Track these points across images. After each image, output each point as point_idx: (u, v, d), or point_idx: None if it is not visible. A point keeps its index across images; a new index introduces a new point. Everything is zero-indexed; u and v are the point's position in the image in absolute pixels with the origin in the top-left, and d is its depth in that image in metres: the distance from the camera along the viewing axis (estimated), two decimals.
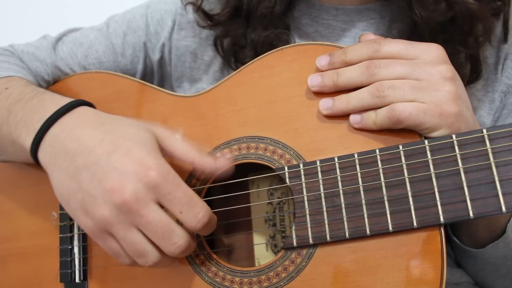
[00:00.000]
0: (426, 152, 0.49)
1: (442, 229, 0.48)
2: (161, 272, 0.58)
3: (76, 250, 0.64)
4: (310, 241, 0.51)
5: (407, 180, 0.49)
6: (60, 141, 0.53)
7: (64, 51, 0.75)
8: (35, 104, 0.58)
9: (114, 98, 0.68)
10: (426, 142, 0.49)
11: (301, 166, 0.53)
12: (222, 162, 0.56)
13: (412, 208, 0.48)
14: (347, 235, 0.50)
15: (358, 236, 0.50)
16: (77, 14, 1.11)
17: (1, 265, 0.70)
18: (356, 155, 0.51)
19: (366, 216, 0.50)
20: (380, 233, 0.49)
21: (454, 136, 0.48)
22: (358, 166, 0.51)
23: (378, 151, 0.50)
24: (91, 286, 0.64)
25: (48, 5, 1.25)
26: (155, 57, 0.75)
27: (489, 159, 0.47)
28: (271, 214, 0.65)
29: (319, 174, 0.52)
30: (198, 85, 0.74)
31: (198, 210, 0.50)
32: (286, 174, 0.54)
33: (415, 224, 0.48)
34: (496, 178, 0.46)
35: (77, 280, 0.64)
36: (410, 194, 0.48)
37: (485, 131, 0.47)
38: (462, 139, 0.48)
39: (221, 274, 0.56)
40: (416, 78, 0.49)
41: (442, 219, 0.47)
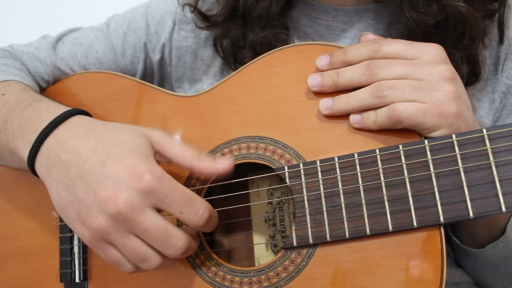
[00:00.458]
0: (426, 152, 0.49)
1: (442, 229, 0.48)
2: (161, 272, 0.58)
3: (76, 250, 0.64)
4: (310, 241, 0.51)
5: (407, 180, 0.49)
6: (55, 152, 0.53)
7: (64, 51, 0.75)
8: (31, 113, 0.58)
9: (114, 98, 0.68)
10: (426, 142, 0.49)
11: (301, 166, 0.53)
12: (221, 167, 0.55)
13: (412, 208, 0.48)
14: (347, 235, 0.50)
15: (358, 236, 0.50)
16: (76, 14, 1.11)
17: (1, 265, 0.70)
18: (356, 155, 0.51)
19: (366, 216, 0.50)
20: (380, 233, 0.49)
21: (454, 136, 0.48)
22: (358, 166, 0.51)
23: (378, 151, 0.50)
24: (91, 286, 0.64)
25: (48, 5, 1.25)
26: (156, 57, 0.75)
27: (489, 159, 0.47)
28: (271, 214, 0.65)
29: (319, 174, 0.52)
30: (198, 85, 0.74)
31: (198, 207, 0.50)
32: (286, 174, 0.54)
33: (415, 224, 0.48)
34: (496, 178, 0.46)
35: (77, 280, 0.64)
36: (410, 194, 0.49)
37: (485, 131, 0.47)
38: (462, 139, 0.48)
39: (221, 274, 0.56)
40: (416, 78, 0.50)
41: (442, 219, 0.47)
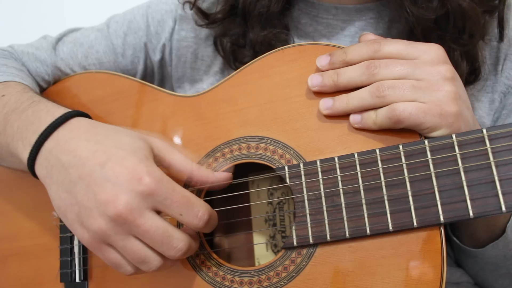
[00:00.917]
0: (426, 152, 0.49)
1: (442, 228, 0.48)
2: (161, 272, 0.58)
3: (76, 250, 0.64)
4: (310, 240, 0.51)
5: (407, 179, 0.49)
6: (54, 154, 0.53)
7: (64, 52, 0.75)
8: (30, 115, 0.58)
9: (114, 98, 0.68)
10: (426, 142, 0.49)
11: (301, 166, 0.53)
12: (220, 176, 0.56)
13: (412, 207, 0.48)
14: (347, 235, 0.50)
15: (358, 235, 0.50)
16: (76, 14, 1.11)
17: (1, 265, 0.70)
18: (356, 155, 0.51)
19: (366, 215, 0.50)
20: (380, 232, 0.49)
21: (454, 136, 0.48)
22: (358, 166, 0.51)
23: (378, 151, 0.50)
24: (91, 286, 0.63)
25: (48, 5, 1.25)
26: (156, 57, 0.75)
27: (489, 159, 0.47)
28: (271, 214, 0.65)
29: (319, 174, 0.52)
30: (198, 85, 0.74)
31: (197, 209, 0.50)
32: (287, 174, 0.54)
33: (415, 223, 0.48)
34: (496, 178, 0.46)
35: (77, 280, 0.64)
36: (410, 193, 0.49)
37: (485, 131, 0.47)
38: (462, 139, 0.48)
39: (221, 273, 0.56)
40: (416, 78, 0.50)
41: (442, 219, 0.47)
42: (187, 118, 0.62)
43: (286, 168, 0.54)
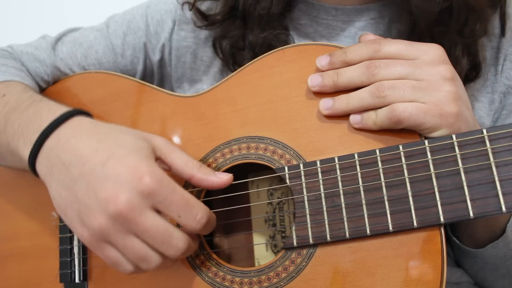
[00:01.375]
0: (426, 152, 0.49)
1: (442, 229, 0.48)
2: (161, 272, 0.58)
3: (76, 250, 0.64)
4: (310, 241, 0.51)
5: (407, 180, 0.49)
6: (55, 152, 0.53)
7: (63, 52, 0.75)
8: (31, 113, 0.58)
9: (114, 98, 0.68)
10: (426, 142, 0.49)
11: (301, 166, 0.53)
12: (221, 180, 0.55)
13: (412, 208, 0.48)
14: (347, 235, 0.50)
15: (358, 236, 0.50)
16: (76, 14, 1.11)
17: (1, 265, 0.70)
18: (356, 155, 0.51)
19: (366, 216, 0.50)
20: (380, 233, 0.49)
21: (454, 136, 0.48)
22: (358, 166, 0.51)
23: (378, 151, 0.50)
24: (91, 287, 0.63)
25: (48, 5, 1.25)
26: (155, 57, 0.75)
27: (489, 159, 0.47)
28: (271, 214, 0.65)
29: (319, 174, 0.52)
30: (198, 86, 0.74)
31: (196, 212, 0.50)
32: (286, 174, 0.54)
33: (415, 224, 0.48)
34: (496, 178, 0.46)
35: (77, 280, 0.64)
36: (410, 194, 0.49)
37: (485, 132, 0.47)
38: (462, 140, 0.48)
39: (221, 274, 0.56)
40: (416, 78, 0.50)
41: (442, 219, 0.47)
42: (187, 118, 0.62)
43: (286, 168, 0.54)
